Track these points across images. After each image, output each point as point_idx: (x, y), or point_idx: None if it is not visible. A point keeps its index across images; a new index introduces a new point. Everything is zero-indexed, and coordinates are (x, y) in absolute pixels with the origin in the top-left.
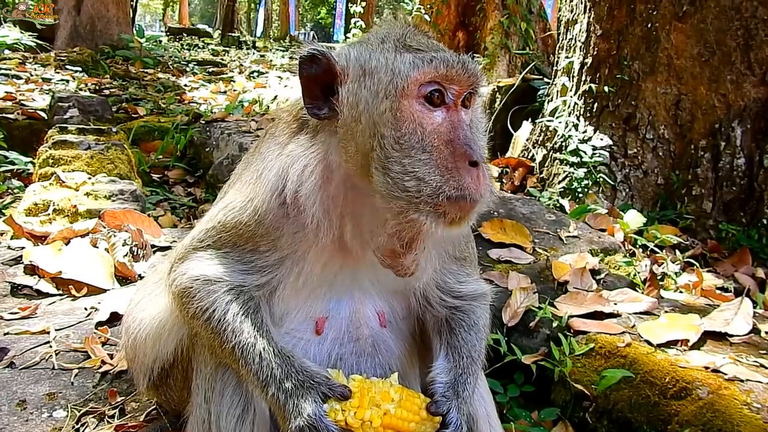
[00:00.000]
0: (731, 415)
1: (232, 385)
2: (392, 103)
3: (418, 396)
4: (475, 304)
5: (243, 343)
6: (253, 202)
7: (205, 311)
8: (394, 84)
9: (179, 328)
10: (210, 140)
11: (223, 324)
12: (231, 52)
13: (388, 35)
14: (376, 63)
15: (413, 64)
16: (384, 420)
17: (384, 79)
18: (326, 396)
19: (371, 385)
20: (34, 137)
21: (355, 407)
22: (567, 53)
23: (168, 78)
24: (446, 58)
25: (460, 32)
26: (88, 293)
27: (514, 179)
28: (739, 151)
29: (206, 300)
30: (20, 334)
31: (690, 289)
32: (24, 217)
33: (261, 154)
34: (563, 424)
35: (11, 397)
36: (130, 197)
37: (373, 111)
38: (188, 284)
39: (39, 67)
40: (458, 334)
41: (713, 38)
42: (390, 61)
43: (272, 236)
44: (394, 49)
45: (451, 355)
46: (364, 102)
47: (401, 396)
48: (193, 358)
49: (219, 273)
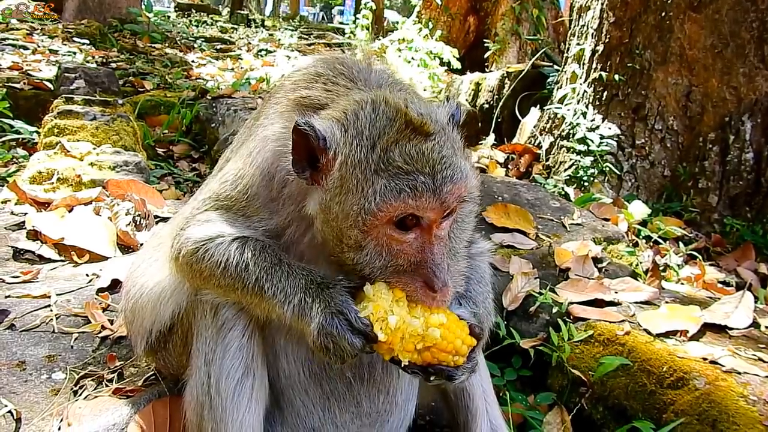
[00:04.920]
0: (727, 407)
1: (232, 348)
2: (359, 231)
3: (456, 317)
4: (479, 260)
5: (267, 267)
6: (243, 180)
7: (220, 264)
8: (362, 217)
9: (179, 293)
10: (216, 116)
11: (242, 264)
12: (239, 29)
13: (383, 134)
14: (354, 181)
15: (383, 198)
16: (427, 338)
17: (354, 208)
18: (349, 289)
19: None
20: (39, 107)
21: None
22: (578, 40)
23: (175, 53)
24: (420, 190)
25: (471, 17)
26: (89, 260)
27: (520, 166)
28: (747, 145)
29: (218, 253)
30: (21, 297)
31: (692, 282)
32: (28, 184)
33: (257, 128)
34: (559, 409)
35: (11, 358)
36: (135, 169)
37: (342, 227)
38: (196, 247)
39: (46, 39)
40: (471, 286)
41: (727, 30)
42: (362, 188)
43: (262, 214)
44: (374, 163)
45: (467, 304)
46: (334, 215)
47: (446, 318)
48: (194, 322)
49: (225, 229)
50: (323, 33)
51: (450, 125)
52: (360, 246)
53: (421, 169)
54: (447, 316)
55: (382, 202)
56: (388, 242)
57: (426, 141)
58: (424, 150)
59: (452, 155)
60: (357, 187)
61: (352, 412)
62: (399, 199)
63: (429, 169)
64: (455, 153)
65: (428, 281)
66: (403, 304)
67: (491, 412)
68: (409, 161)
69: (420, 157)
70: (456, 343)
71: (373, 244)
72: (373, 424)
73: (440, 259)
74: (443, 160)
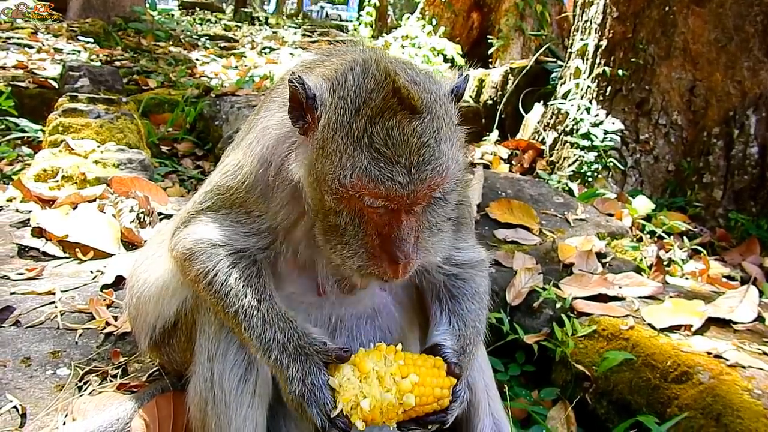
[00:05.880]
0: (731, 401)
1: (235, 345)
2: (334, 196)
3: (431, 359)
4: (473, 272)
5: (246, 306)
6: (242, 169)
7: (206, 274)
8: (336, 185)
9: (182, 289)
10: (220, 114)
11: (225, 288)
12: (243, 27)
13: (368, 100)
14: (334, 146)
15: (357, 176)
16: (405, 404)
17: (330, 174)
18: (326, 362)
19: (375, 353)
20: (44, 105)
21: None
22: (582, 35)
23: (179, 51)
24: (391, 184)
25: (475, 13)
26: (94, 257)
27: (524, 161)
28: (752, 139)
29: (208, 263)
30: (26, 294)
31: (696, 276)
32: (33, 182)
33: (257, 120)
34: (562, 403)
35: (16, 354)
36: (139, 166)
37: (321, 189)
38: (190, 247)
39: (51, 37)
40: (461, 303)
41: (731, 24)
42: (341, 155)
43: (261, 204)
44: (356, 131)
45: (455, 324)
46: (314, 177)
47: (418, 375)
48: (197, 318)
49: (221, 236)
50: (327, 30)
51: (449, 99)
52: (336, 211)
53: (397, 159)
54: (418, 371)
55: (355, 180)
56: (360, 209)
57: (411, 120)
58: (407, 132)
59: (435, 143)
60: (336, 153)
61: None
62: (370, 185)
63: (405, 160)
64: (439, 138)
65: (391, 254)
66: (372, 380)
67: (493, 407)
68: (388, 144)
69: (400, 140)
70: (435, 392)
71: (346, 209)
72: None
73: (407, 233)
74: (422, 150)
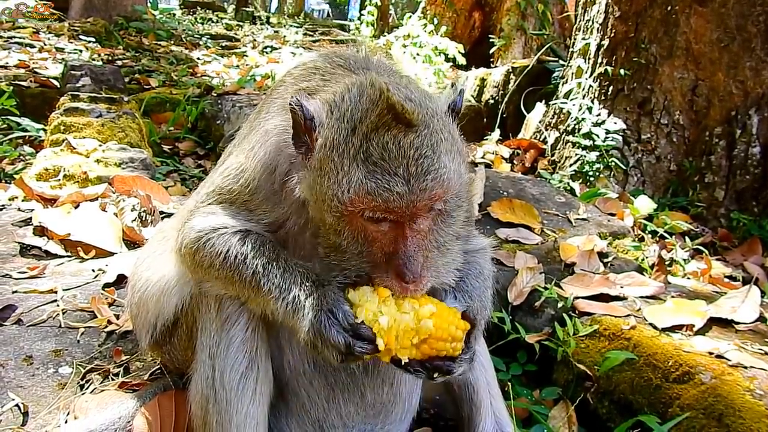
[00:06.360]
0: (733, 401)
1: (236, 342)
2: (335, 215)
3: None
4: (477, 256)
5: (264, 261)
6: (245, 173)
7: (220, 254)
8: (335, 204)
9: (183, 287)
10: (221, 113)
11: (240, 256)
12: (245, 27)
13: (363, 118)
14: (332, 165)
15: (355, 192)
16: (421, 331)
17: (329, 193)
18: (344, 285)
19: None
20: (46, 104)
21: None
22: (584, 34)
23: (181, 51)
24: (388, 195)
25: (476, 12)
26: (95, 256)
27: (525, 161)
28: (754, 139)
29: (219, 243)
30: (28, 292)
31: (698, 276)
32: (35, 181)
33: (259, 122)
34: (564, 403)
35: (18, 353)
36: (140, 165)
37: (322, 209)
38: (198, 237)
39: (52, 37)
40: (466, 281)
41: (734, 23)
42: (338, 172)
43: (265, 206)
44: (353, 148)
45: (461, 298)
46: (315, 197)
47: (436, 307)
48: (198, 316)
49: (226, 222)
50: (328, 29)
51: (447, 114)
52: (338, 230)
53: (395, 170)
54: (436, 305)
55: (353, 195)
56: (363, 229)
57: (407, 133)
58: (403, 144)
59: (433, 153)
60: (333, 171)
61: (356, 403)
62: (368, 199)
63: (403, 171)
64: (438, 149)
65: (399, 273)
66: (391, 302)
67: (495, 405)
68: (385, 157)
69: (397, 153)
70: (450, 330)
71: (349, 229)
72: (377, 415)
73: (413, 251)
74: (420, 161)
